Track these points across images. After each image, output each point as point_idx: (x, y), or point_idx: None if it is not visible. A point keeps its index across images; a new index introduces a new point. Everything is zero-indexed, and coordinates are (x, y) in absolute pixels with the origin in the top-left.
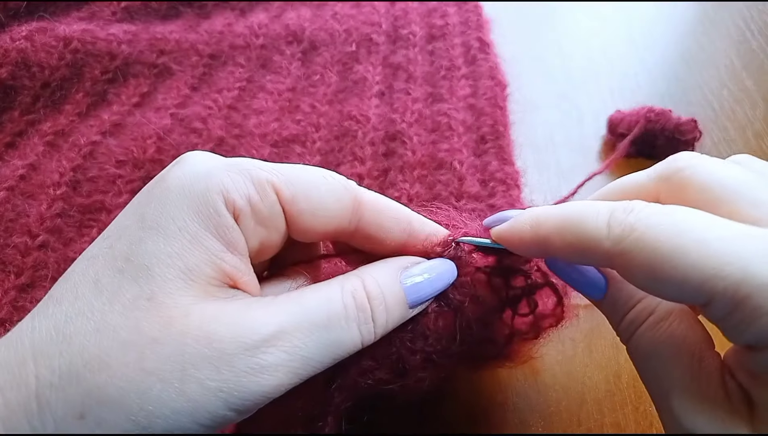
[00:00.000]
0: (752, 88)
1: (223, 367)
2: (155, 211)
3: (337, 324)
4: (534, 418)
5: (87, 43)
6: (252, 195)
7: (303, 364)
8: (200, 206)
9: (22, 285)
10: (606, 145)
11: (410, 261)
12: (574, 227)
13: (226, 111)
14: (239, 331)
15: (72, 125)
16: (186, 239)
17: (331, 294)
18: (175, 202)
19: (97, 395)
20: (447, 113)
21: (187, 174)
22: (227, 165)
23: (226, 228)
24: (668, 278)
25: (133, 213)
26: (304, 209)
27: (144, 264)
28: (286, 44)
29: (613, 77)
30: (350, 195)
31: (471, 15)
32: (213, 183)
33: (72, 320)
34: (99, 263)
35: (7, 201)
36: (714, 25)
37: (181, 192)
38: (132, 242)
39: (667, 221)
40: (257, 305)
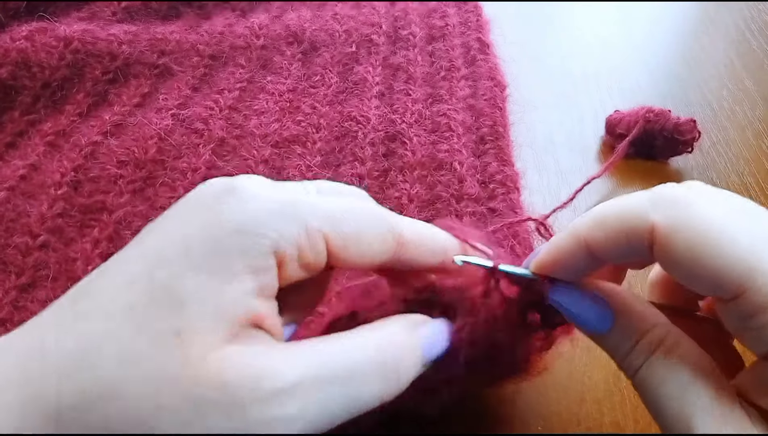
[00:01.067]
0: (752, 88)
1: (235, 415)
2: (205, 249)
3: (359, 380)
4: (533, 417)
5: (87, 43)
6: (302, 244)
7: (319, 418)
8: (250, 250)
9: (22, 285)
10: (605, 146)
11: (420, 318)
12: (615, 209)
13: (227, 112)
14: (255, 380)
15: (73, 125)
16: (225, 276)
17: (356, 348)
18: (226, 243)
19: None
20: (447, 114)
21: (245, 214)
22: (283, 208)
23: (267, 273)
24: (710, 261)
25: (179, 241)
26: (350, 256)
27: (179, 297)
28: (287, 45)
29: (613, 77)
30: (394, 237)
31: (471, 15)
32: (269, 230)
33: (103, 344)
34: (136, 289)
35: (8, 201)
36: (714, 25)
37: (235, 232)
38: (173, 275)
39: (720, 204)
40: (277, 351)
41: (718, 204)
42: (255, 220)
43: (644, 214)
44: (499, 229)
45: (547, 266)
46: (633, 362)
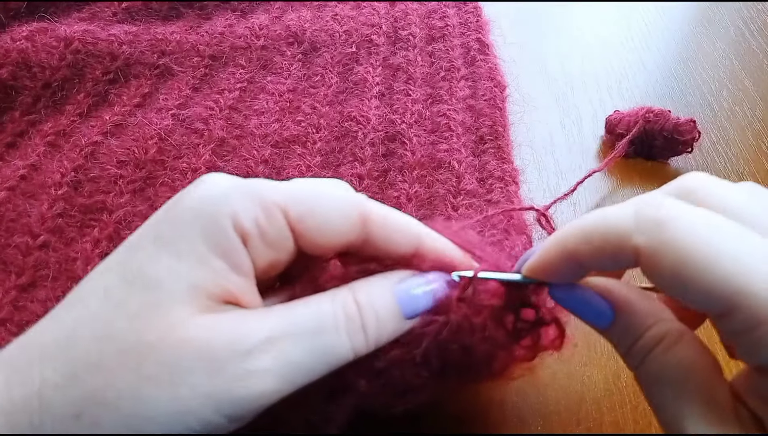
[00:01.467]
0: (751, 89)
1: (215, 373)
2: (170, 231)
3: (326, 331)
4: (533, 417)
5: (88, 43)
6: (260, 219)
7: (293, 370)
8: (210, 230)
9: (23, 285)
10: (605, 146)
11: (405, 274)
12: (601, 228)
13: (227, 112)
14: (233, 339)
15: (73, 125)
16: (195, 258)
17: (321, 304)
18: (188, 224)
19: (94, 397)
20: (446, 114)
21: (202, 197)
22: (239, 187)
23: (234, 251)
24: (696, 283)
25: (150, 230)
26: (311, 227)
27: (155, 278)
28: (287, 45)
29: (612, 78)
30: (357, 210)
31: (470, 16)
32: (224, 208)
33: (80, 326)
34: (112, 274)
35: (8, 201)
36: (713, 25)
37: (195, 215)
38: (146, 257)
39: (701, 226)
40: (251, 315)
41: (703, 221)
42: (211, 201)
43: (628, 237)
44: (497, 214)
45: (537, 273)
46: (634, 359)
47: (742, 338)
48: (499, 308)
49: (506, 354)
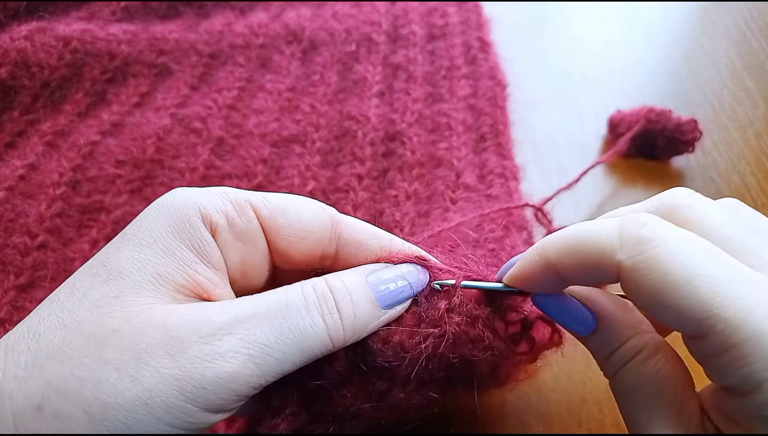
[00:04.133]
0: (753, 88)
1: (178, 354)
2: (135, 226)
3: (295, 312)
4: (534, 418)
5: (86, 42)
6: (229, 211)
7: (261, 352)
8: (176, 221)
9: (21, 285)
10: (606, 145)
11: (378, 266)
12: (584, 242)
13: (225, 111)
14: (195, 321)
15: (71, 125)
16: (160, 248)
17: (290, 288)
18: (153, 218)
19: (56, 386)
20: (447, 113)
21: (169, 196)
22: (208, 189)
23: (201, 241)
24: (672, 304)
25: (120, 233)
26: (282, 225)
27: (116, 268)
28: (286, 44)
29: (614, 77)
30: (327, 214)
31: (471, 15)
32: (191, 201)
33: (44, 319)
34: (79, 273)
35: (7, 201)
36: (714, 25)
37: (161, 209)
38: (110, 252)
39: (683, 248)
40: (216, 303)
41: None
42: (178, 198)
43: (611, 253)
44: (497, 212)
45: (518, 283)
46: (611, 368)
47: (712, 360)
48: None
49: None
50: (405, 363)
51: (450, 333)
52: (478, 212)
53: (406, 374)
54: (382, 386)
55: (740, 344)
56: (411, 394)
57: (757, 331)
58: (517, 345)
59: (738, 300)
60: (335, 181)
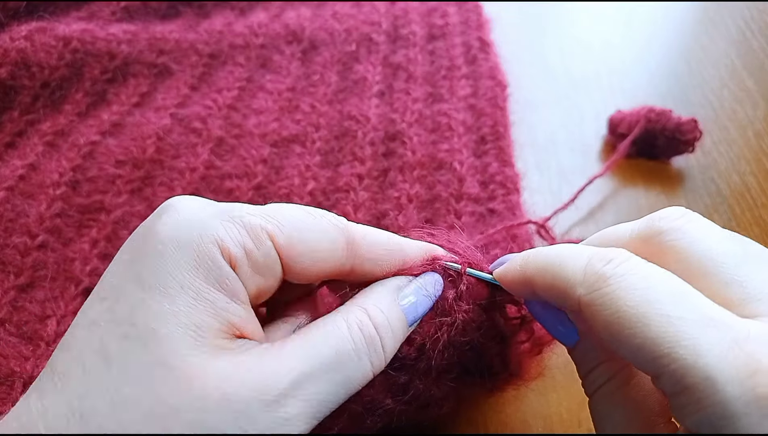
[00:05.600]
0: (753, 88)
1: (249, 427)
2: (152, 270)
3: (348, 362)
4: (534, 418)
5: (86, 42)
6: (247, 243)
7: (320, 408)
8: (198, 259)
9: (21, 285)
10: (607, 145)
11: (403, 281)
12: (554, 269)
13: (225, 111)
14: (257, 387)
15: (71, 125)
16: (190, 295)
17: (338, 331)
18: (172, 258)
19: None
20: (447, 113)
21: (179, 225)
22: (219, 213)
23: (227, 279)
24: (626, 342)
25: (126, 271)
26: (300, 253)
27: (150, 327)
28: (286, 44)
29: (614, 77)
30: (343, 235)
31: (471, 15)
32: (207, 234)
33: (85, 397)
34: (102, 330)
35: (7, 201)
36: (714, 25)
37: (177, 246)
38: (134, 305)
39: (639, 286)
40: (269, 355)
41: (644, 281)
42: (192, 228)
43: (573, 288)
44: (499, 231)
45: (502, 281)
46: (587, 387)
47: (670, 400)
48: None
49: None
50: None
51: (459, 321)
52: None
53: (425, 365)
54: (403, 379)
55: (692, 387)
56: (430, 385)
57: (709, 375)
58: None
59: (690, 341)
60: (335, 181)
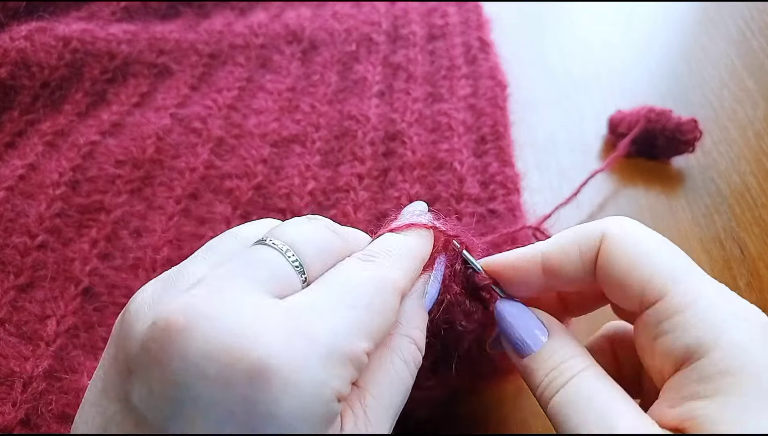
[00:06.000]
0: (753, 88)
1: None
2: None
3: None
4: (534, 418)
5: (86, 42)
6: (354, 375)
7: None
8: (324, 420)
9: (21, 285)
10: (607, 145)
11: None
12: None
13: (225, 111)
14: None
15: (71, 125)
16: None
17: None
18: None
19: None
20: (447, 113)
21: (299, 403)
22: (329, 361)
23: (338, 415)
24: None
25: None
26: (380, 339)
27: None
28: (286, 44)
29: (614, 77)
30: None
31: (471, 15)
32: (329, 395)
33: None
34: None
35: (7, 201)
36: (714, 25)
37: (304, 423)
38: None
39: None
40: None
41: (652, 235)
42: (313, 401)
43: (597, 228)
44: (497, 237)
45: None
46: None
47: (666, 324)
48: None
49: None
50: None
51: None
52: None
53: None
54: None
55: (696, 303)
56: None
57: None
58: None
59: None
60: (335, 181)
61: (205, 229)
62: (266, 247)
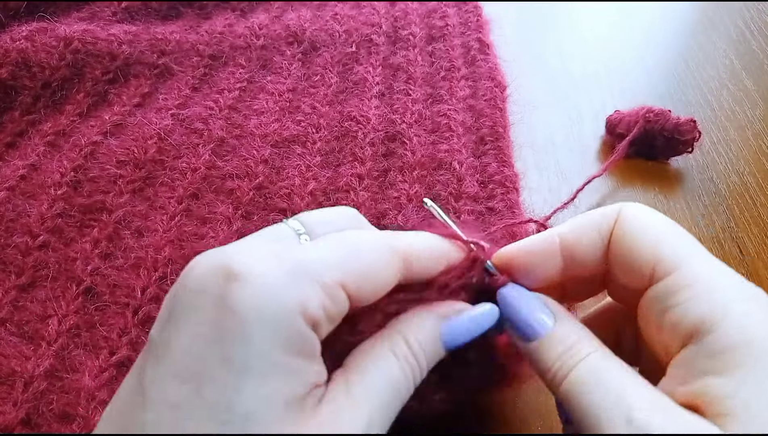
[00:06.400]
0: (752, 89)
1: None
2: (240, 351)
3: (402, 391)
4: (534, 418)
5: (87, 43)
6: (326, 303)
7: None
8: (285, 335)
9: (22, 285)
10: (605, 146)
11: (451, 310)
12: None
13: (226, 111)
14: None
15: (73, 125)
16: (280, 373)
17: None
18: (258, 337)
19: None
20: (447, 114)
21: (259, 298)
22: (295, 276)
23: (310, 344)
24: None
25: (207, 350)
26: (367, 292)
27: (247, 412)
28: (287, 45)
29: (613, 77)
30: (400, 259)
31: (471, 16)
32: (291, 306)
33: None
34: (194, 416)
35: (8, 201)
36: (713, 25)
37: (262, 324)
38: (226, 389)
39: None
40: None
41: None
42: (274, 299)
43: (613, 209)
44: (500, 229)
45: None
46: (570, 360)
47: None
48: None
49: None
50: None
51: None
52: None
53: None
54: None
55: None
56: None
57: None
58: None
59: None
60: (336, 181)
61: (207, 229)
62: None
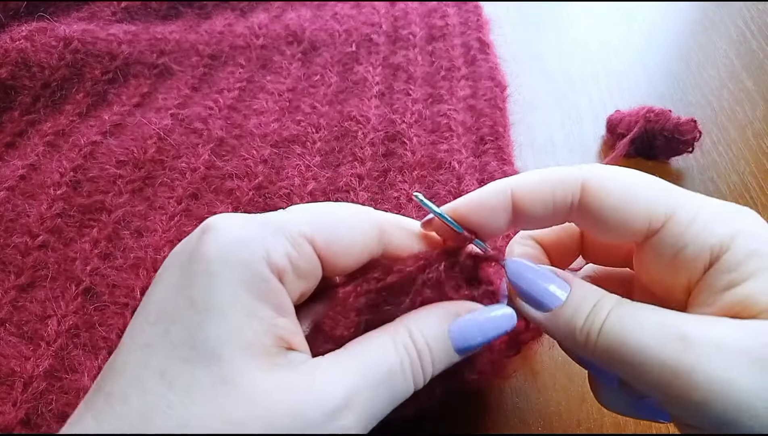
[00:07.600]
0: (752, 88)
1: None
2: (204, 292)
3: (395, 380)
4: (533, 418)
5: (87, 43)
6: (291, 253)
7: (371, 421)
8: (248, 277)
9: (22, 285)
10: (605, 146)
11: (463, 309)
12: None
13: (226, 111)
14: (317, 399)
15: (72, 125)
16: (241, 313)
17: (386, 350)
18: (222, 278)
19: None
20: (447, 114)
21: (225, 244)
22: (261, 226)
23: (275, 293)
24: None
25: (176, 295)
26: (339, 251)
27: (209, 349)
28: (287, 44)
29: (613, 77)
30: (376, 227)
31: (471, 15)
32: (255, 250)
33: (149, 418)
34: (159, 353)
35: (8, 201)
36: (714, 25)
37: (226, 266)
38: (190, 328)
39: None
40: (322, 369)
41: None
42: (239, 246)
43: (575, 174)
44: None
45: (465, 208)
46: (601, 312)
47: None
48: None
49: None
50: None
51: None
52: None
53: None
54: None
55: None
56: None
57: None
58: None
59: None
60: (335, 182)
61: None
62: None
